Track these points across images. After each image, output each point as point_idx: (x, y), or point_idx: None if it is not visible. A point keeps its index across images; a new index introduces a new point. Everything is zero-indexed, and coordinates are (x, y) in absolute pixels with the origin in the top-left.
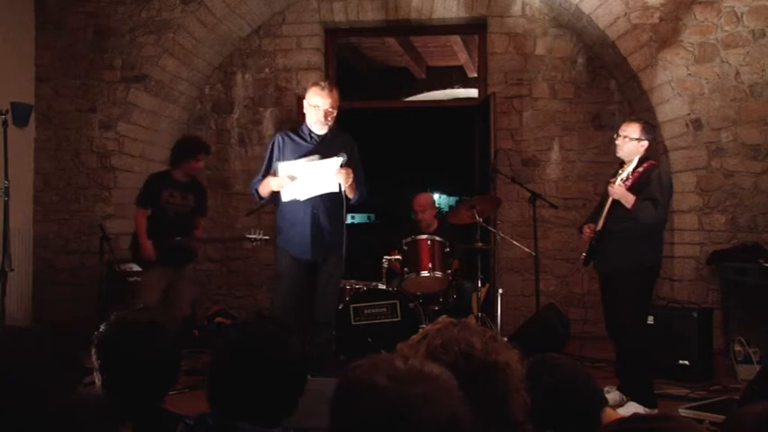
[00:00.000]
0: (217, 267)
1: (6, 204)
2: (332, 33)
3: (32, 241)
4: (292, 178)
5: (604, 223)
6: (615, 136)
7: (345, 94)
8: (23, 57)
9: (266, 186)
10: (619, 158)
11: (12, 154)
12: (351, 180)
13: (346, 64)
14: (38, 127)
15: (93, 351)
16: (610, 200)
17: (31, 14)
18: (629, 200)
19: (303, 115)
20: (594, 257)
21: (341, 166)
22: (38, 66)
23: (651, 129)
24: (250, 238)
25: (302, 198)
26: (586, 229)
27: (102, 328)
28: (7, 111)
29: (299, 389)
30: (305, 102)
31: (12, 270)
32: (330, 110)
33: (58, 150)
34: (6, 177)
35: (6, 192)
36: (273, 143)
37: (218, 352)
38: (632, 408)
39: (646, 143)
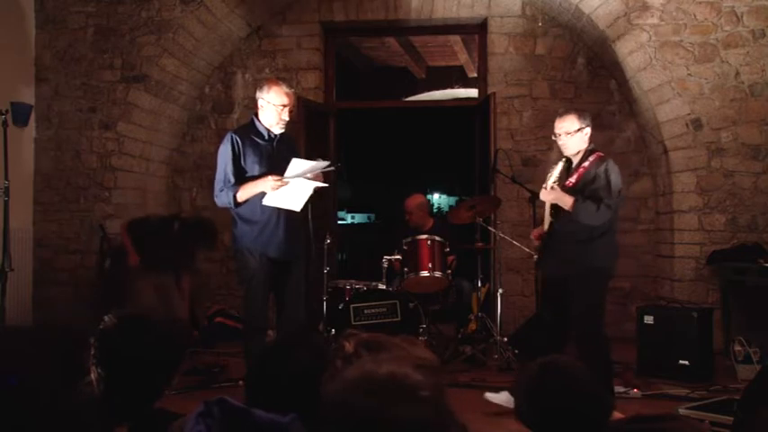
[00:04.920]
0: (217, 267)
1: (6, 204)
2: (332, 33)
3: (32, 241)
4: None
5: (551, 224)
6: (553, 137)
7: (345, 94)
8: (23, 57)
9: (254, 188)
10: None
11: (12, 154)
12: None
13: (346, 64)
14: (38, 127)
15: (93, 343)
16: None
17: (31, 14)
18: (566, 202)
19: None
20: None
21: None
22: (38, 66)
23: (585, 114)
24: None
25: (286, 206)
26: (533, 236)
27: (105, 320)
28: (7, 111)
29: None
30: (263, 100)
31: (12, 270)
32: (292, 109)
33: (58, 150)
34: (6, 177)
35: (6, 192)
36: (232, 144)
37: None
38: None
39: (588, 129)
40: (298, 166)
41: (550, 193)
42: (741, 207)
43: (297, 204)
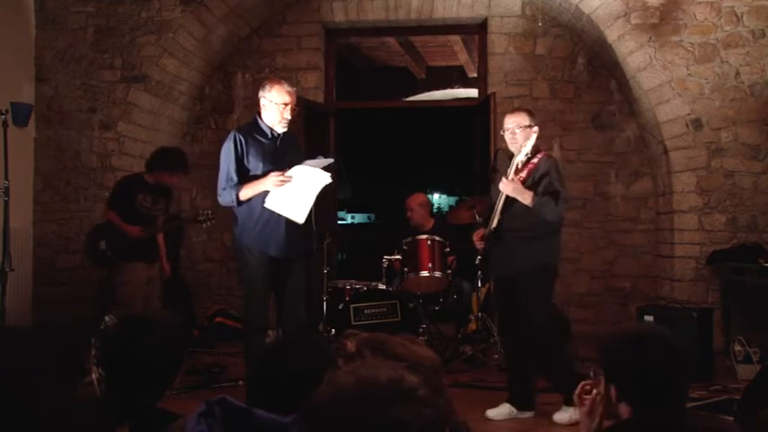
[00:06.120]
0: (216, 267)
1: (6, 204)
2: (332, 33)
3: (32, 241)
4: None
5: (499, 222)
6: (502, 132)
7: (345, 94)
8: (23, 57)
9: (257, 187)
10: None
11: (12, 154)
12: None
13: (346, 64)
14: (38, 127)
15: (94, 343)
16: (502, 197)
17: (31, 14)
18: (525, 197)
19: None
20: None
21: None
22: (38, 66)
23: (534, 115)
24: (200, 219)
25: (288, 214)
26: (475, 237)
27: (107, 319)
28: (7, 111)
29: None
30: (265, 99)
31: (12, 270)
32: (294, 107)
33: (58, 150)
34: (6, 177)
35: (6, 192)
36: (235, 142)
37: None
38: (569, 412)
39: (537, 128)
40: (300, 171)
41: (509, 185)
42: (741, 207)
43: (299, 214)
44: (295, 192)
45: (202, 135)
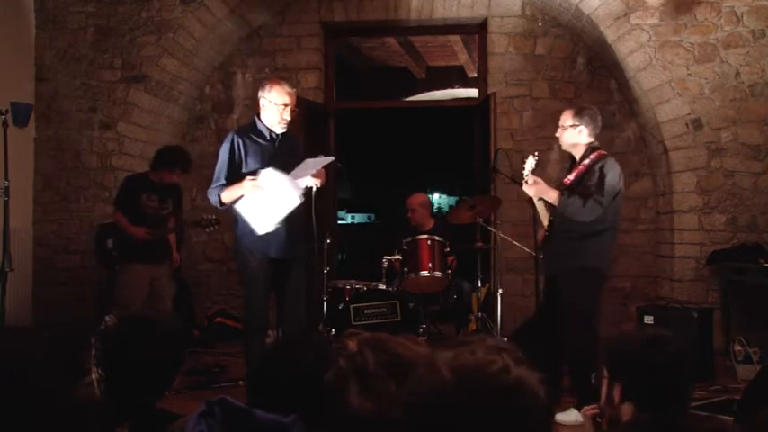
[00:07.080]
0: (216, 267)
1: (6, 204)
2: (332, 33)
3: (32, 241)
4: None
5: (551, 222)
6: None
7: (345, 94)
8: (23, 57)
9: (236, 191)
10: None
11: (12, 154)
12: (322, 183)
13: (346, 64)
14: (38, 127)
15: (94, 343)
16: (537, 200)
17: (31, 14)
18: (551, 196)
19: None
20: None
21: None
22: (38, 66)
23: (583, 112)
24: (203, 224)
25: (253, 221)
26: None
27: (107, 319)
28: (7, 111)
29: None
30: (265, 100)
31: (12, 270)
32: (294, 108)
33: (58, 150)
34: (6, 177)
35: (6, 192)
36: (232, 144)
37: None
38: (573, 414)
39: (583, 128)
40: (273, 181)
41: (533, 187)
42: (741, 207)
43: (262, 225)
44: (265, 202)
45: (202, 135)
